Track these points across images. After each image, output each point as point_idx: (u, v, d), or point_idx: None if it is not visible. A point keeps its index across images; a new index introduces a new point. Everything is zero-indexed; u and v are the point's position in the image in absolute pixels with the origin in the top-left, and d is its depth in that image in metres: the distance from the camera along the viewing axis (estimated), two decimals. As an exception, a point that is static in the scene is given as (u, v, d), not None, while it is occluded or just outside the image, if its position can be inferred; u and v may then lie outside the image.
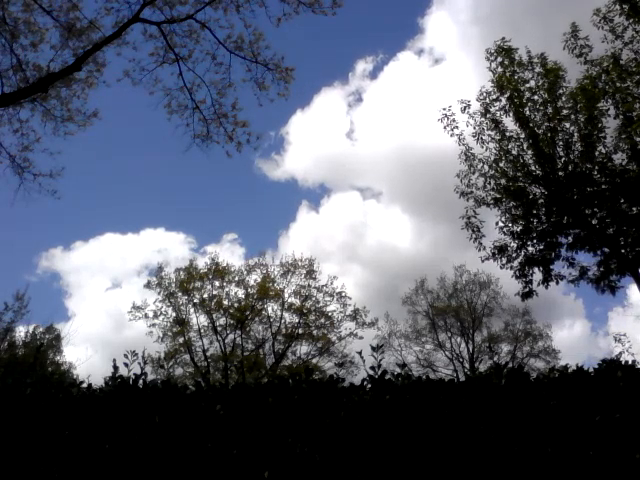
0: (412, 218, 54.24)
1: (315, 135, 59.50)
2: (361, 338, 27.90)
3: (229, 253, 48.24)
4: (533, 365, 31.40)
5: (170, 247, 55.30)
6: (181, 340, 28.11)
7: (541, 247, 14.36)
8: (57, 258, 59.75)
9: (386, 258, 47.99)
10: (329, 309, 28.52)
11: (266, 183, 57.46)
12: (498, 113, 14.41)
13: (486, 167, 14.39)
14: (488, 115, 14.47)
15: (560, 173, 13.71)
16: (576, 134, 13.75)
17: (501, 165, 14.23)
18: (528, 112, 14.02)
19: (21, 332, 29.43)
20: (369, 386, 3.91)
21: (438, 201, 46.50)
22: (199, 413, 3.71)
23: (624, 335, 14.28)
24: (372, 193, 67.05)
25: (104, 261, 49.44)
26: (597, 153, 13.65)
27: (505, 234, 14.55)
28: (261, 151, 59.28)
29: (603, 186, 13.58)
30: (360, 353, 4.13)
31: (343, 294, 28.50)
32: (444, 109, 14.72)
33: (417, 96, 60.74)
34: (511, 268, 14.55)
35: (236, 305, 28.05)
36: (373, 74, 71.49)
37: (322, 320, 28.47)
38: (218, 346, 28.26)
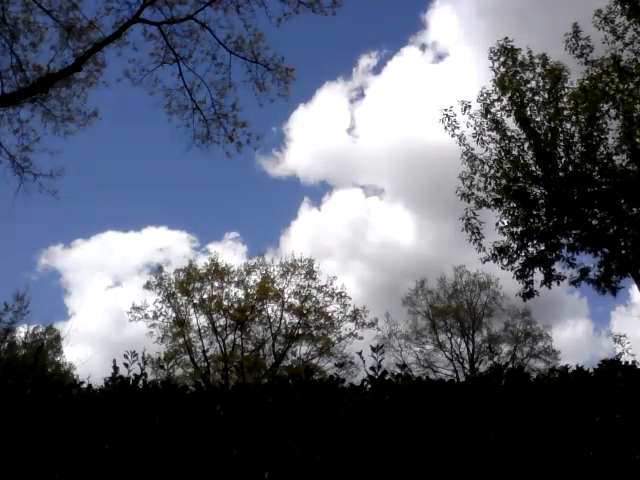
0: (414, 215, 54.25)
1: (317, 131, 59.43)
2: (361, 338, 27.92)
3: (231, 251, 48.25)
4: (533, 365, 31.51)
5: (172, 246, 55.43)
6: (181, 341, 28.12)
7: (542, 248, 14.34)
8: (57, 256, 59.87)
9: (388, 255, 48.04)
10: (329, 309, 28.55)
11: (267, 180, 57.40)
12: (499, 113, 14.40)
13: (487, 167, 14.39)
14: (489, 115, 14.46)
15: (561, 173, 13.70)
16: (577, 135, 13.74)
17: (502, 165, 14.21)
18: (529, 112, 14.01)
19: (21, 333, 29.50)
20: (369, 386, 3.91)
21: (441, 198, 46.44)
22: (199, 414, 3.71)
23: (624, 336, 14.26)
24: (374, 190, 67.03)
25: (105, 259, 49.45)
26: (598, 154, 13.65)
27: (505, 235, 14.53)
28: (262, 148, 59.16)
29: (604, 187, 13.57)
30: (360, 354, 4.13)
31: (343, 294, 28.52)
32: (445, 109, 14.72)
33: (420, 92, 60.65)
34: (512, 269, 14.53)
35: (236, 306, 28.05)
36: (376, 69, 71.52)
37: (322, 320, 28.47)
38: (218, 347, 28.28)
